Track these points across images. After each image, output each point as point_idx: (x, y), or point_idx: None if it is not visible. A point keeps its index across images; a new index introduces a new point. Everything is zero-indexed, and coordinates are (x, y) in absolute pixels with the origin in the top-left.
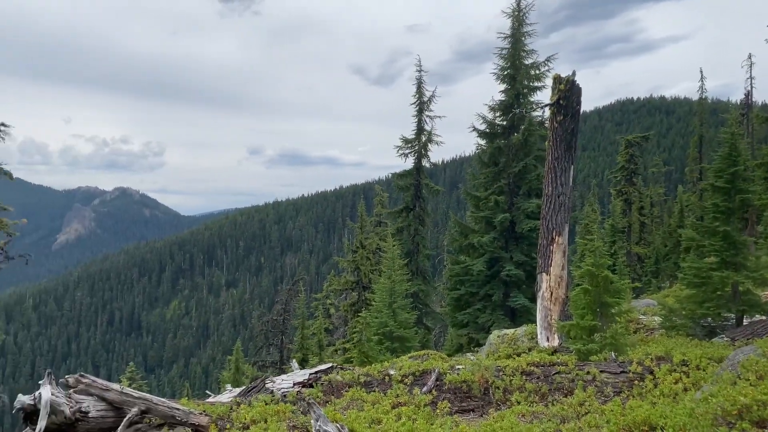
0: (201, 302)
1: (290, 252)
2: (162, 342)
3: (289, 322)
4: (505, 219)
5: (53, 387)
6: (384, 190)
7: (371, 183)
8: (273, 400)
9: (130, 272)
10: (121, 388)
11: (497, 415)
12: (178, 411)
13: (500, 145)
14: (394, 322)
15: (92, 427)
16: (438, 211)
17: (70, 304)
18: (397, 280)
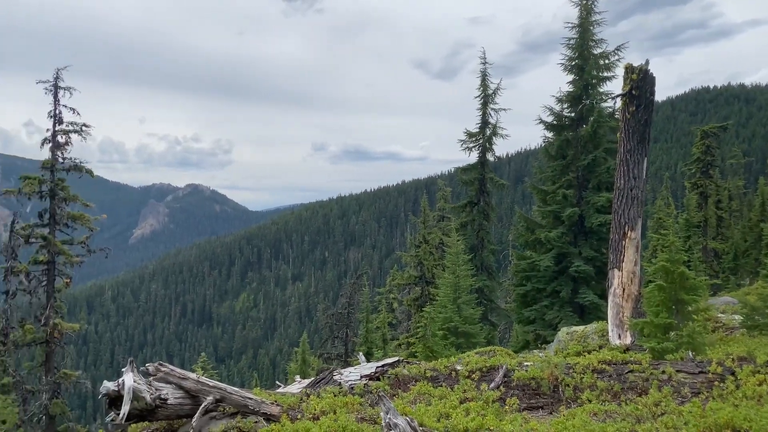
0: (268, 295)
1: (353, 246)
2: (231, 333)
3: (354, 316)
4: (574, 213)
5: (135, 374)
6: (447, 184)
7: (434, 178)
8: (341, 392)
9: (202, 266)
10: (197, 377)
11: (568, 413)
12: (250, 400)
13: (568, 137)
14: (459, 317)
15: (170, 414)
16: (503, 206)
17: (146, 295)
18: (462, 275)
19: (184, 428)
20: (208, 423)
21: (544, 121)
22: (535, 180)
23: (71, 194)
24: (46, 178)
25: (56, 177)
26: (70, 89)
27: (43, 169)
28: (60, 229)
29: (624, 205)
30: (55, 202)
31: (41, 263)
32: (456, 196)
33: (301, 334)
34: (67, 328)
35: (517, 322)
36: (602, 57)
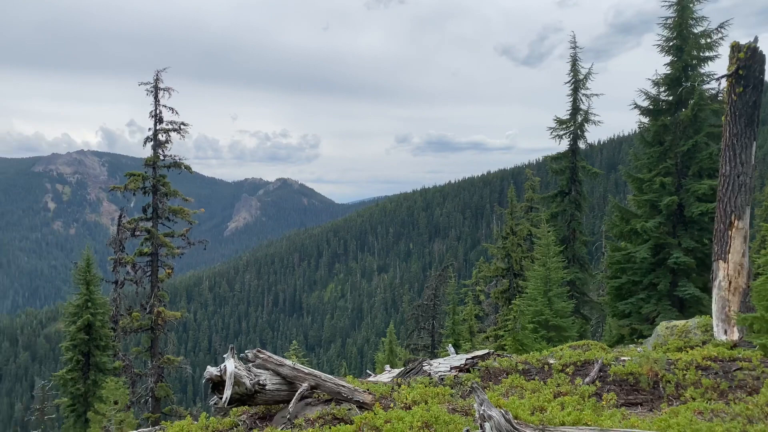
0: (355, 286)
1: (438, 238)
2: (321, 322)
3: (440, 308)
4: (673, 202)
5: (236, 361)
6: (535, 174)
7: (520, 167)
8: (431, 383)
9: (292, 257)
10: (293, 364)
11: (670, 411)
12: (343, 388)
13: (666, 122)
14: (550, 310)
15: (268, 399)
16: (595, 195)
17: (240, 285)
18: (553, 267)
19: (281, 413)
20: (304, 409)
21: (639, 105)
22: (630, 168)
23: (172, 189)
24: (149, 175)
25: (158, 173)
26: (169, 90)
27: (145, 166)
28: (162, 223)
29: (730, 193)
30: (158, 197)
31: (146, 255)
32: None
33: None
34: (169, 316)
35: (611, 316)
36: (703, 36)
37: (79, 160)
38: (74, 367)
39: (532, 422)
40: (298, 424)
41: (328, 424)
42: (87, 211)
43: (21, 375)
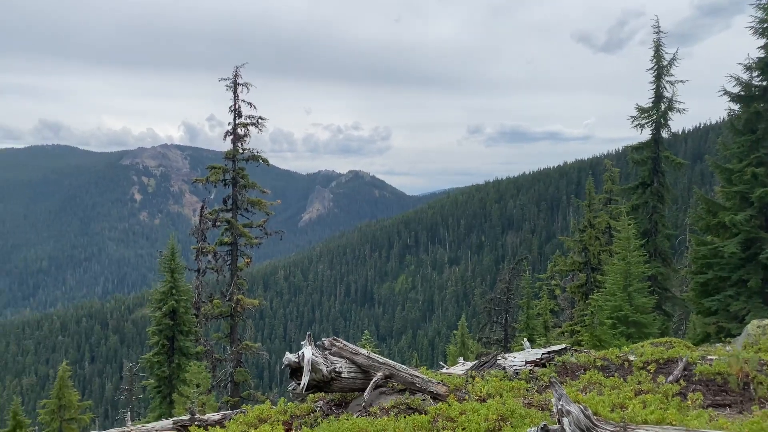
0: (426, 278)
1: (511, 231)
2: (392, 313)
3: (513, 301)
4: (766, 194)
5: (313, 348)
6: (614, 164)
7: (599, 158)
8: (505, 376)
9: (363, 248)
10: (368, 353)
11: (762, 414)
12: (418, 378)
13: (759, 109)
14: (630, 306)
15: (344, 386)
16: (678, 186)
17: (314, 275)
18: (633, 261)
19: (356, 401)
20: (378, 397)
21: (729, 92)
22: (718, 157)
23: (250, 181)
24: (229, 168)
25: (237, 166)
26: (247, 85)
27: (225, 159)
28: (241, 214)
29: None
30: (237, 189)
31: (226, 244)
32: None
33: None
34: (248, 304)
35: (696, 313)
36: None
37: (163, 153)
38: (160, 350)
39: (612, 419)
40: (373, 413)
41: (402, 413)
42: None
43: (111, 357)
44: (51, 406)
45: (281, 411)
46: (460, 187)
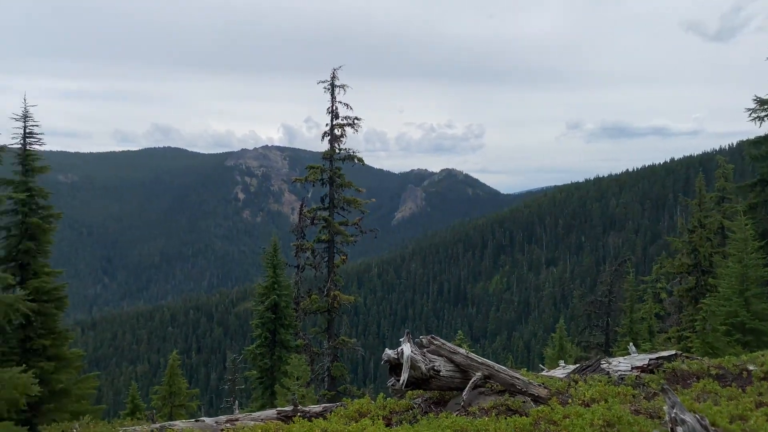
0: (521, 278)
1: (613, 231)
2: (486, 314)
3: (615, 305)
4: None
5: (412, 345)
6: (728, 161)
7: (709, 154)
8: (610, 381)
9: (456, 247)
10: (466, 352)
11: None
12: (517, 380)
13: None
14: (747, 312)
15: (442, 385)
16: None
17: (407, 274)
18: (751, 264)
19: (455, 400)
20: (477, 397)
21: None
22: None
23: (346, 181)
24: (326, 167)
25: (334, 166)
26: (344, 87)
27: (323, 159)
28: (337, 212)
29: None
30: (334, 188)
31: (323, 242)
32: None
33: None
34: (344, 300)
35: None
36: None
37: (264, 154)
38: (262, 343)
39: (731, 431)
40: (472, 412)
41: (502, 414)
42: (270, 200)
43: (215, 348)
44: (162, 392)
45: (380, 406)
46: (558, 185)
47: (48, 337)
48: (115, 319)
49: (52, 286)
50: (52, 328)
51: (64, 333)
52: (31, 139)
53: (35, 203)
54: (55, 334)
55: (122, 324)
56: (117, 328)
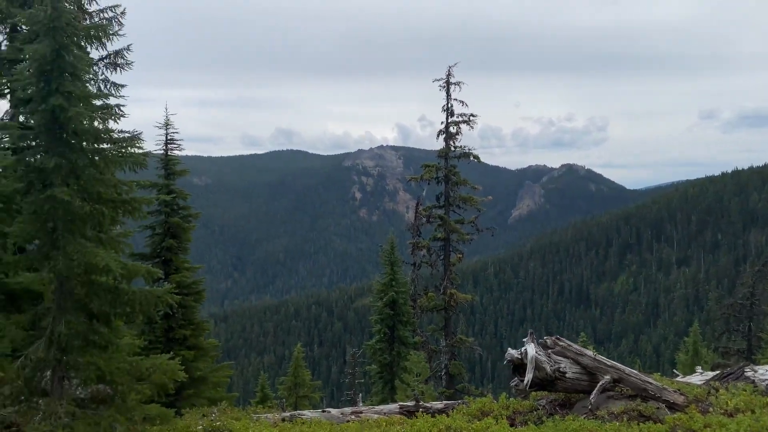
0: (649, 279)
1: (755, 228)
2: (610, 316)
3: (758, 308)
4: None
5: (536, 346)
6: None
7: None
8: (756, 391)
9: (578, 246)
10: (594, 354)
11: None
12: (650, 385)
13: None
14: None
15: (568, 387)
16: None
17: (525, 273)
18: None
19: (581, 403)
20: (606, 402)
21: None
22: None
23: (461, 178)
24: (441, 165)
25: (449, 164)
26: (459, 84)
27: (438, 157)
28: (453, 210)
29: None
30: (449, 186)
31: (439, 240)
32: None
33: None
34: (461, 298)
35: None
36: None
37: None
38: (381, 338)
39: None
40: (600, 416)
41: (633, 420)
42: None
43: (336, 342)
44: (288, 383)
45: (503, 406)
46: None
47: (188, 327)
48: (244, 312)
49: (192, 280)
50: (191, 320)
51: (202, 324)
52: (172, 145)
53: (176, 204)
54: (194, 325)
55: (251, 317)
56: (246, 321)
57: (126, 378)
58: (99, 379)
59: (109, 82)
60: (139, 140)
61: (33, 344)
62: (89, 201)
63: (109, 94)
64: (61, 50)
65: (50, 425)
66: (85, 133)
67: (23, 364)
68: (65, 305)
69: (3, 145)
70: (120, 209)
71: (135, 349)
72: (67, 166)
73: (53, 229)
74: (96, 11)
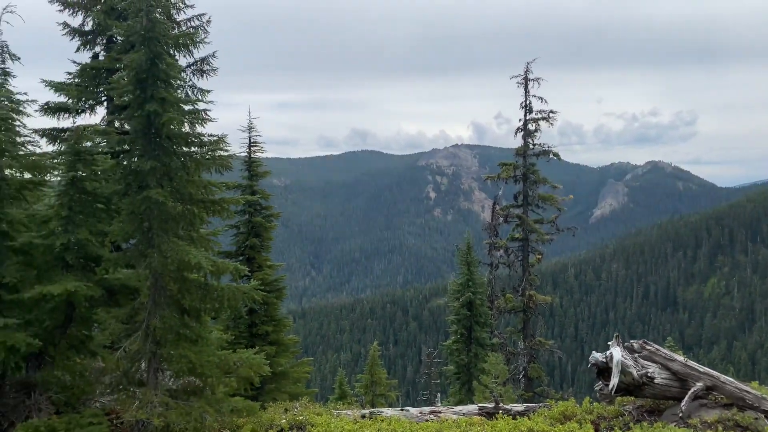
0: (744, 282)
1: None
2: (700, 320)
3: None
4: None
5: (621, 350)
6: None
7: None
8: None
9: (664, 246)
10: (685, 360)
11: None
12: (748, 394)
13: None
14: None
15: (656, 393)
16: None
17: (607, 275)
18: None
19: (671, 410)
20: (698, 410)
21: None
22: None
23: (541, 177)
24: (520, 164)
25: (528, 162)
26: (538, 80)
27: (516, 155)
28: (532, 209)
29: None
30: (527, 185)
31: (517, 240)
32: None
33: None
34: (540, 300)
35: None
36: None
37: (454, 153)
38: (458, 339)
39: None
40: (692, 425)
41: (729, 429)
42: (461, 199)
43: (411, 341)
44: (365, 380)
45: (587, 410)
46: None
47: (270, 323)
48: (321, 310)
49: (273, 278)
50: (273, 316)
51: (283, 321)
52: (254, 148)
53: (259, 204)
54: (275, 322)
55: (327, 314)
56: (323, 318)
57: (215, 371)
58: (190, 372)
59: (195, 88)
60: (224, 143)
61: (130, 337)
62: (181, 201)
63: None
64: (156, 59)
65: (146, 413)
66: (177, 137)
67: (122, 355)
68: (160, 300)
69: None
70: (210, 209)
71: (223, 343)
72: (161, 168)
73: (149, 228)
74: (183, 20)
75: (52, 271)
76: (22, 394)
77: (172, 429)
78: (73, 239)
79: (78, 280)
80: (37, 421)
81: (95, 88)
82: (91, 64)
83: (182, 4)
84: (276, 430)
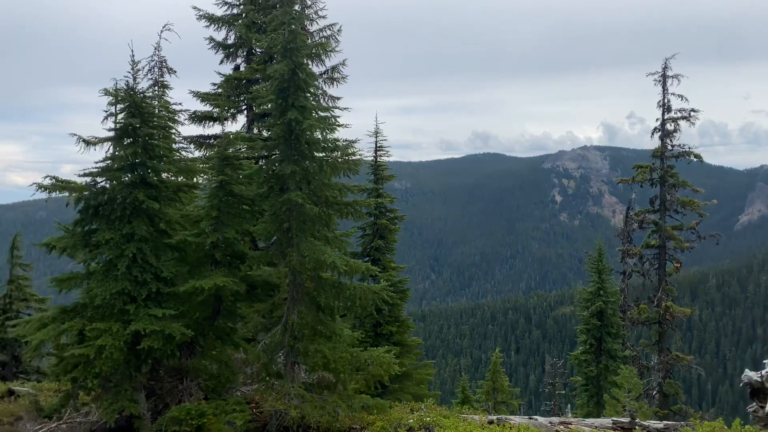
0: None
1: None
2: None
3: None
4: None
5: None
6: None
7: None
8: None
9: None
10: None
11: None
12: None
13: None
14: None
15: None
16: None
17: (754, 287)
18: None
19: None
20: None
21: None
22: None
23: (680, 180)
24: (657, 166)
25: (666, 164)
26: (677, 77)
27: (652, 157)
28: (670, 215)
29: None
30: (665, 189)
31: (652, 247)
32: None
33: None
34: (678, 312)
35: None
36: None
37: (582, 155)
38: (587, 349)
39: None
40: None
41: None
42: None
43: (534, 350)
44: (486, 387)
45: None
46: None
47: (394, 324)
48: (441, 313)
49: (398, 279)
50: (397, 317)
51: (406, 322)
52: (380, 152)
53: (384, 207)
54: (399, 322)
55: (447, 318)
56: (443, 322)
57: (347, 367)
58: (324, 366)
59: (327, 95)
60: (354, 148)
61: (269, 331)
62: (318, 204)
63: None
64: (296, 69)
65: (284, 404)
66: (314, 143)
67: (263, 347)
68: (297, 297)
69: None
70: (343, 211)
71: (354, 341)
72: (300, 172)
73: (288, 228)
74: (316, 30)
75: (202, 267)
76: (175, 379)
77: (306, 421)
78: (221, 238)
79: (225, 276)
80: (188, 404)
81: (237, 98)
82: (234, 75)
83: (315, 15)
84: (405, 429)
